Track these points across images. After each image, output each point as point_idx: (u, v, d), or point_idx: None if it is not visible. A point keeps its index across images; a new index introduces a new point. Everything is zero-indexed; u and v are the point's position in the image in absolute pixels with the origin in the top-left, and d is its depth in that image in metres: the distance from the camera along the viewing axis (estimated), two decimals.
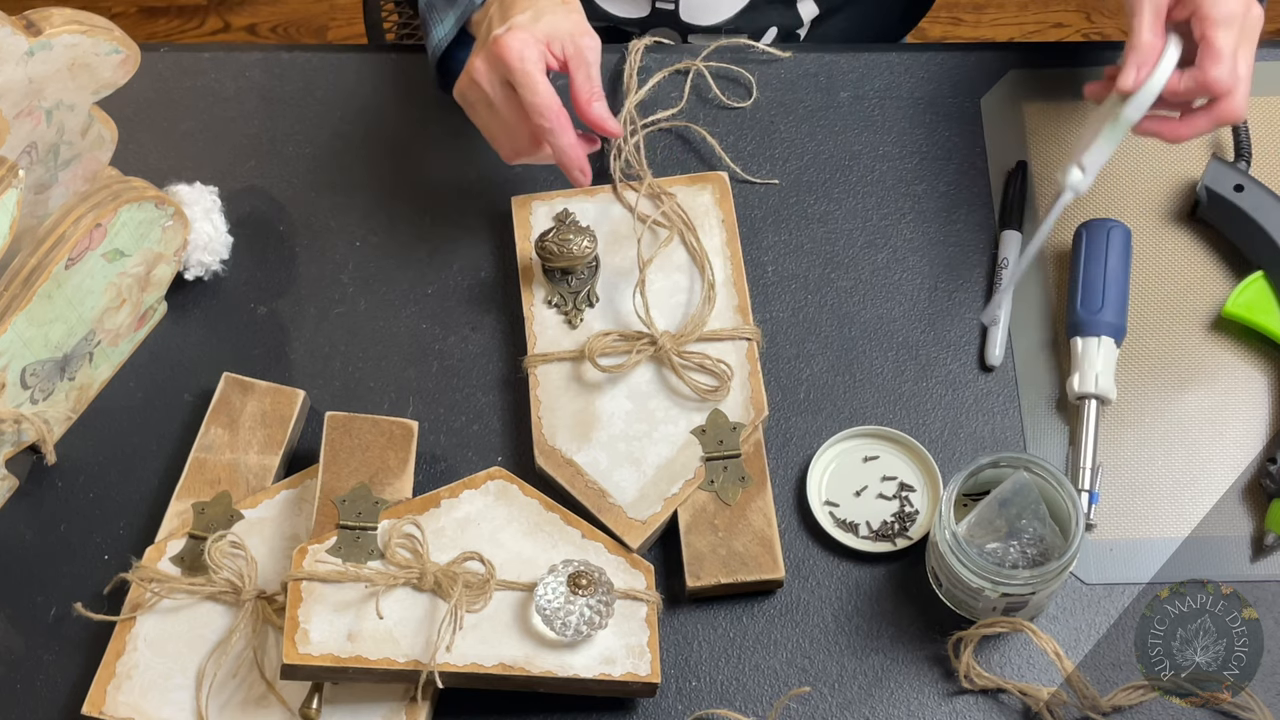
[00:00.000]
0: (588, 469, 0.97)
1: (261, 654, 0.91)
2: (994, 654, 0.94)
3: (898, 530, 0.97)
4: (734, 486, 0.96)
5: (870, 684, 0.93)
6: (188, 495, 0.96)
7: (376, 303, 1.07)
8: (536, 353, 1.02)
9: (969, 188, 1.10)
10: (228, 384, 1.01)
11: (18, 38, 0.86)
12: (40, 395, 0.97)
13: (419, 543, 0.91)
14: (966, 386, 1.03)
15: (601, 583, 0.90)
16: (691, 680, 0.93)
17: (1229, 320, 1.03)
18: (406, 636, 0.89)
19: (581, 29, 1.00)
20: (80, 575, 0.96)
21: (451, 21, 1.06)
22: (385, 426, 0.96)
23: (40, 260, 0.91)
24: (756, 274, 1.07)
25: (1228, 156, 1.10)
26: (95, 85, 0.94)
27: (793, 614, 0.95)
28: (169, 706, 0.90)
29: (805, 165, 1.11)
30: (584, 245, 1.02)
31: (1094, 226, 1.04)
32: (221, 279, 1.07)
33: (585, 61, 1.00)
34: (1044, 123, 1.13)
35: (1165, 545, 0.97)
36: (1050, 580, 0.88)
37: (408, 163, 1.12)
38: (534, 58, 0.97)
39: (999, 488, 0.91)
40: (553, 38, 0.98)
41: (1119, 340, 1.01)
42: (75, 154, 0.97)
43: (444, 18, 1.06)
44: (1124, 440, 1.00)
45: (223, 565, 0.92)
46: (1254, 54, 0.96)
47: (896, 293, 1.06)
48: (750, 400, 0.99)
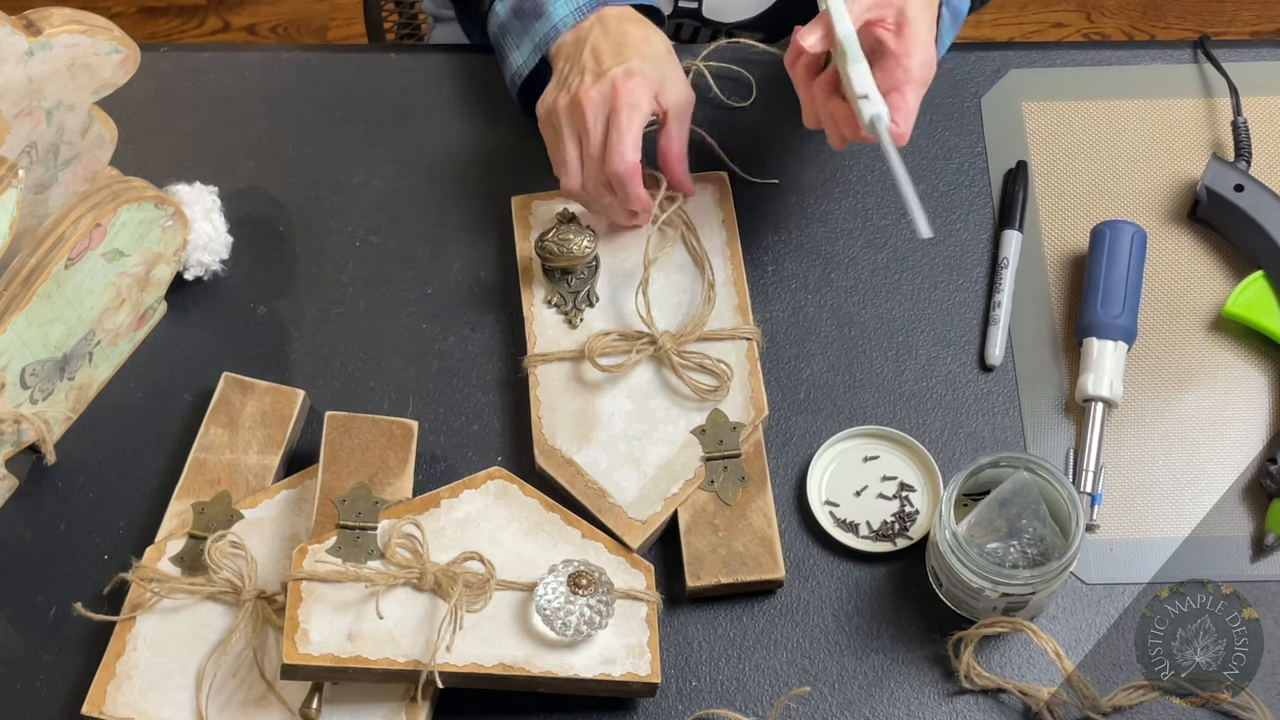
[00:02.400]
0: (588, 469, 0.97)
1: (261, 654, 0.91)
2: (994, 654, 0.93)
3: (898, 530, 0.97)
4: (734, 486, 0.96)
5: (870, 684, 0.93)
6: (188, 495, 0.96)
7: (376, 303, 1.07)
8: (536, 353, 1.02)
9: (969, 187, 1.10)
10: (227, 384, 1.01)
11: (18, 38, 0.86)
12: (40, 395, 0.97)
13: (419, 543, 0.91)
14: (966, 386, 1.03)
15: (601, 583, 0.90)
16: (691, 680, 0.93)
17: (1229, 320, 1.03)
18: (406, 636, 0.89)
19: (684, 80, 1.03)
20: (80, 575, 0.96)
21: (529, 49, 1.06)
22: (385, 426, 0.96)
23: (40, 260, 0.91)
24: (756, 274, 1.07)
25: (1228, 156, 1.10)
26: (95, 85, 0.94)
27: (793, 614, 0.95)
28: (169, 706, 0.90)
29: (805, 165, 1.11)
30: (584, 245, 1.02)
31: (1118, 229, 1.04)
32: (221, 279, 1.07)
33: (679, 117, 1.02)
34: (1044, 123, 1.13)
35: (1165, 545, 0.97)
36: (1050, 580, 0.88)
37: (408, 163, 1.12)
38: (645, 110, 0.99)
39: (999, 488, 0.91)
40: (658, 84, 1.00)
41: (1130, 344, 1.01)
42: (75, 154, 0.97)
43: (520, 44, 1.06)
44: (1124, 440, 1.00)
45: (223, 565, 0.92)
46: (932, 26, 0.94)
47: (896, 293, 1.06)
48: (750, 400, 0.99)
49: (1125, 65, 1.15)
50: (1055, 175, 1.11)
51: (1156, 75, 1.15)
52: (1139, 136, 1.12)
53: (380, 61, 1.18)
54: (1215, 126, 1.12)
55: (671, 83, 1.01)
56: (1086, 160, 1.11)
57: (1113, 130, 1.12)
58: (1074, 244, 1.08)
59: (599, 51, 1.01)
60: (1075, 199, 1.10)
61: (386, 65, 1.18)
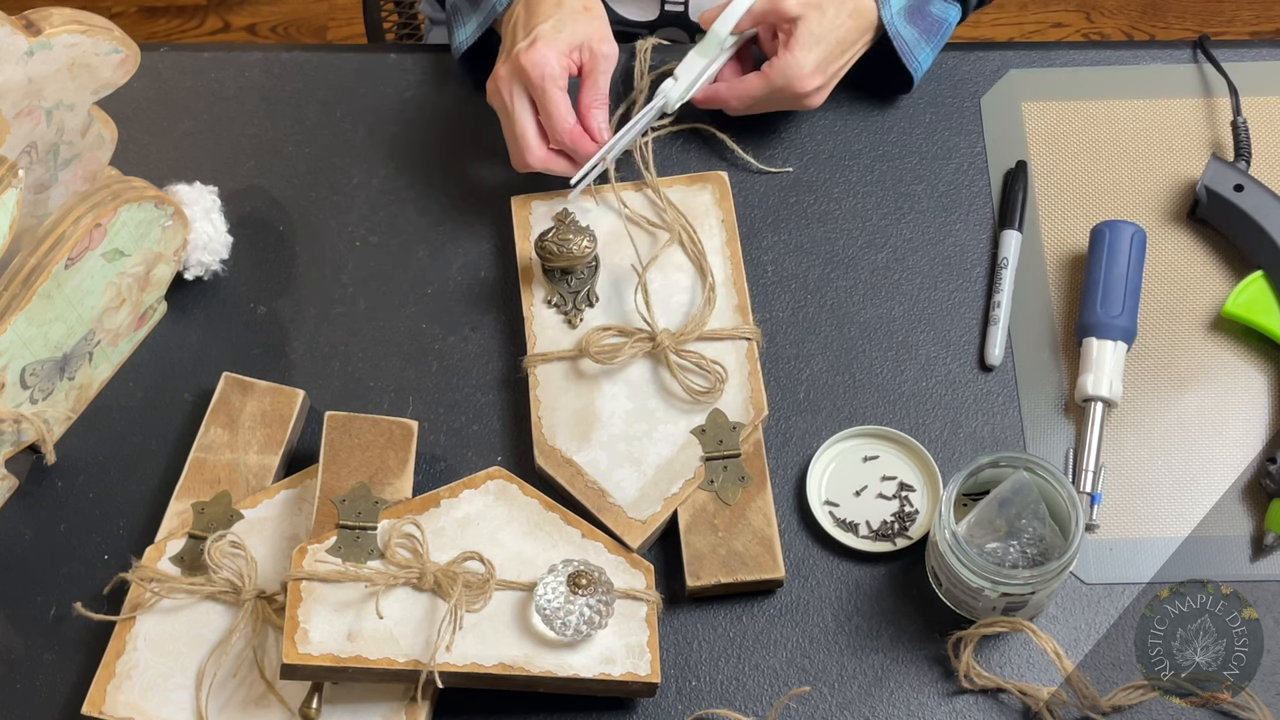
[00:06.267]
0: (588, 469, 0.97)
1: (261, 654, 0.91)
2: (994, 654, 0.94)
3: (898, 530, 0.97)
4: (734, 486, 0.96)
5: (870, 684, 0.93)
6: (187, 495, 0.96)
7: (376, 303, 1.07)
8: (536, 352, 1.02)
9: (968, 187, 1.10)
10: (227, 384, 1.01)
11: (18, 38, 0.86)
12: (40, 395, 0.97)
13: (419, 542, 0.91)
14: (966, 386, 1.03)
15: (601, 582, 0.90)
16: (691, 680, 0.93)
17: (1229, 320, 1.03)
18: (406, 636, 0.89)
19: (601, 35, 1.04)
20: (80, 575, 0.96)
21: (474, 26, 1.09)
22: (385, 426, 0.96)
23: (40, 260, 0.91)
24: (756, 274, 1.07)
25: (1228, 156, 1.10)
26: (95, 85, 0.94)
27: (793, 614, 0.95)
28: (169, 706, 0.90)
29: (805, 165, 1.12)
30: (584, 245, 1.02)
31: (1117, 229, 1.04)
32: (221, 279, 1.07)
33: (598, 70, 1.04)
34: (1044, 123, 1.13)
35: (1165, 545, 0.97)
36: (1050, 580, 0.88)
37: (408, 163, 1.12)
38: (555, 74, 1.01)
39: (999, 488, 0.91)
40: (574, 46, 1.02)
41: (1130, 344, 1.01)
42: (75, 154, 0.97)
43: (467, 21, 1.10)
44: (1124, 440, 1.00)
45: (222, 565, 0.92)
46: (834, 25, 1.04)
47: (896, 293, 1.06)
48: (750, 400, 0.99)
49: (1125, 65, 1.15)
50: (1055, 175, 1.11)
51: (1156, 75, 1.15)
52: (1139, 136, 1.12)
53: (380, 62, 1.18)
54: (1215, 126, 1.12)
55: (589, 39, 1.03)
56: (1086, 160, 1.11)
57: (1112, 130, 1.12)
58: (1074, 244, 1.08)
59: (517, 27, 1.04)
60: (1075, 199, 1.10)
61: (386, 65, 1.18)
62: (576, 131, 1.02)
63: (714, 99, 1.08)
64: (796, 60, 1.04)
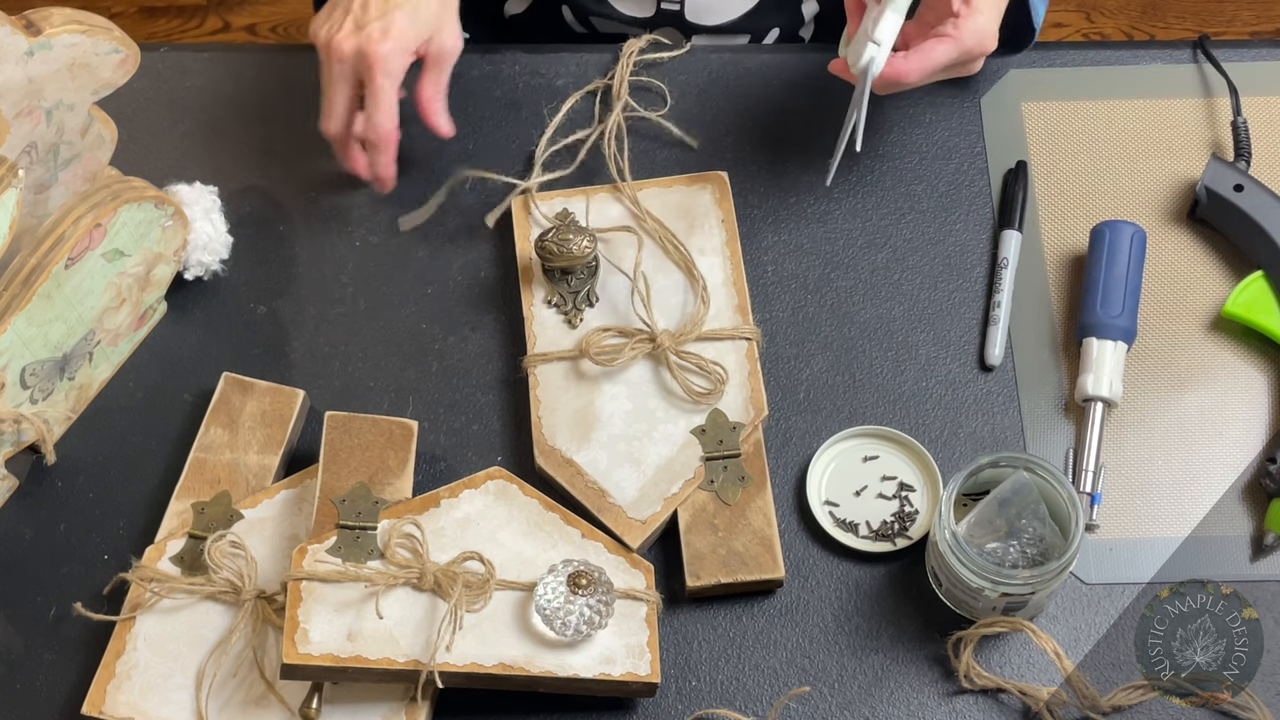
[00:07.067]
0: (588, 469, 0.97)
1: (261, 654, 0.91)
2: (994, 654, 0.94)
3: (898, 530, 0.97)
4: (734, 486, 0.96)
5: (870, 684, 0.93)
6: (187, 495, 0.96)
7: (376, 303, 1.07)
8: (536, 353, 1.02)
9: (968, 187, 1.10)
10: (227, 384, 1.01)
11: (18, 38, 0.86)
12: (40, 395, 0.97)
13: (419, 542, 0.91)
14: (966, 386, 1.03)
15: (601, 582, 0.90)
16: (691, 680, 0.93)
17: (1229, 320, 1.03)
18: (406, 636, 0.89)
19: (451, 29, 1.04)
20: (80, 575, 0.96)
21: None
22: (385, 426, 0.96)
23: (40, 260, 0.91)
24: (756, 274, 1.07)
25: (1228, 156, 1.10)
26: (95, 85, 0.94)
27: (793, 614, 0.95)
28: (169, 706, 0.90)
29: (805, 165, 1.11)
30: (584, 245, 1.02)
31: (1117, 228, 1.04)
32: (221, 279, 1.07)
33: (440, 65, 1.04)
34: (1044, 123, 1.13)
35: (1165, 545, 0.97)
36: (1050, 580, 0.88)
37: (407, 162, 1.12)
38: (395, 72, 1.01)
39: (999, 488, 0.91)
40: (424, 39, 1.02)
41: (1130, 344, 1.01)
42: (75, 154, 0.97)
43: None
44: (1124, 440, 1.00)
45: (222, 565, 0.92)
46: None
47: (896, 293, 1.06)
48: (750, 400, 0.99)
49: (1125, 65, 1.15)
50: (1055, 175, 1.11)
51: (1156, 75, 1.15)
52: (1139, 136, 1.12)
53: None
54: (1215, 126, 1.12)
55: (439, 32, 1.03)
56: (1086, 160, 1.11)
57: (1113, 130, 1.12)
58: (1073, 244, 1.08)
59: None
60: (1075, 199, 1.10)
61: None
62: (390, 135, 1.03)
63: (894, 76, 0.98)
64: (986, 18, 0.99)
